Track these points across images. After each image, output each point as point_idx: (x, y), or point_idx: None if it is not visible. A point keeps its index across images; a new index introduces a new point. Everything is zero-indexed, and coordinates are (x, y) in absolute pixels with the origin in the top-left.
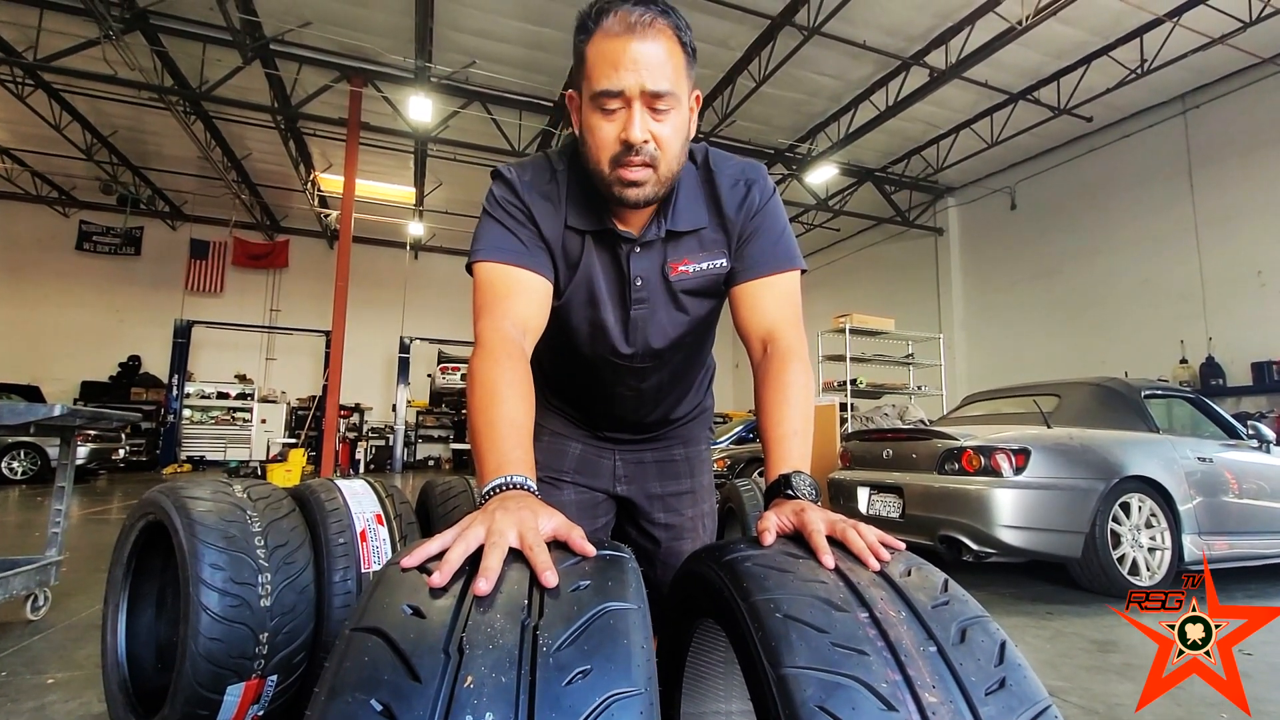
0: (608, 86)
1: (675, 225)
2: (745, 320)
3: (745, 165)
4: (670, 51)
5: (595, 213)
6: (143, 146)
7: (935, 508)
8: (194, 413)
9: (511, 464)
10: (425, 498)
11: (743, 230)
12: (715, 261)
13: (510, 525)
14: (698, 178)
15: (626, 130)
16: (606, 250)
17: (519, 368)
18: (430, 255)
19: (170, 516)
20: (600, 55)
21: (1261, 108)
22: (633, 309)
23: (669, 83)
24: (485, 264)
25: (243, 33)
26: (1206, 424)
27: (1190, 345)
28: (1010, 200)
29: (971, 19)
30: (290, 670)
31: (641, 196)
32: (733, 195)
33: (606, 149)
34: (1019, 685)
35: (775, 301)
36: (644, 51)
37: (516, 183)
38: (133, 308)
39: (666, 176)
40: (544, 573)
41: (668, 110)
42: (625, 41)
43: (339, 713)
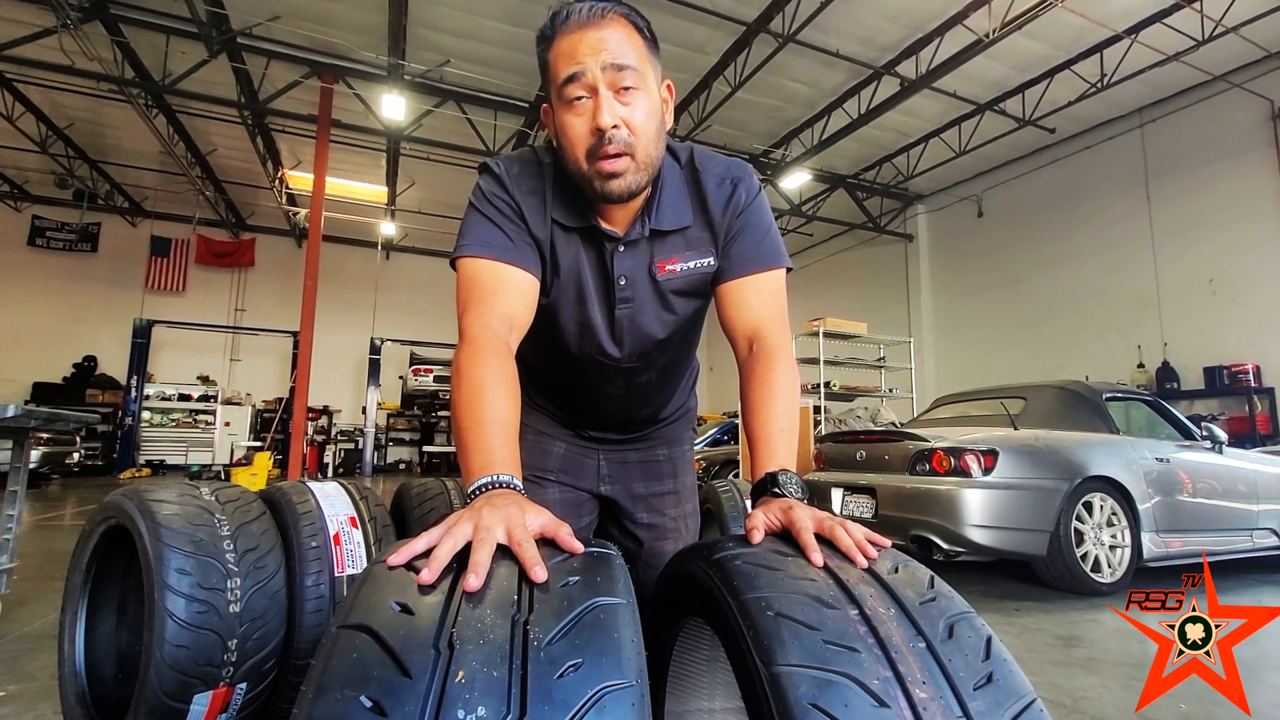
0: (570, 72)
1: (660, 224)
2: (731, 318)
3: (731, 164)
4: (628, 35)
5: (580, 210)
6: (101, 140)
7: (907, 508)
8: (153, 415)
9: (498, 463)
10: (401, 500)
11: (729, 229)
12: (702, 260)
13: (498, 522)
14: (683, 176)
15: (596, 116)
16: (593, 248)
17: (505, 365)
18: (402, 256)
19: (134, 520)
20: (560, 52)
21: (1213, 123)
22: (617, 309)
23: (630, 59)
24: (471, 259)
25: (208, 25)
26: (1163, 426)
27: (1147, 350)
28: (977, 208)
29: (941, 31)
30: (260, 677)
31: (623, 187)
32: (719, 194)
33: (580, 143)
34: (1006, 680)
35: (761, 299)
36: (600, 36)
37: (505, 177)
38: (89, 306)
39: (645, 162)
40: (533, 568)
41: (634, 89)
42: (582, 32)
43: (328, 710)
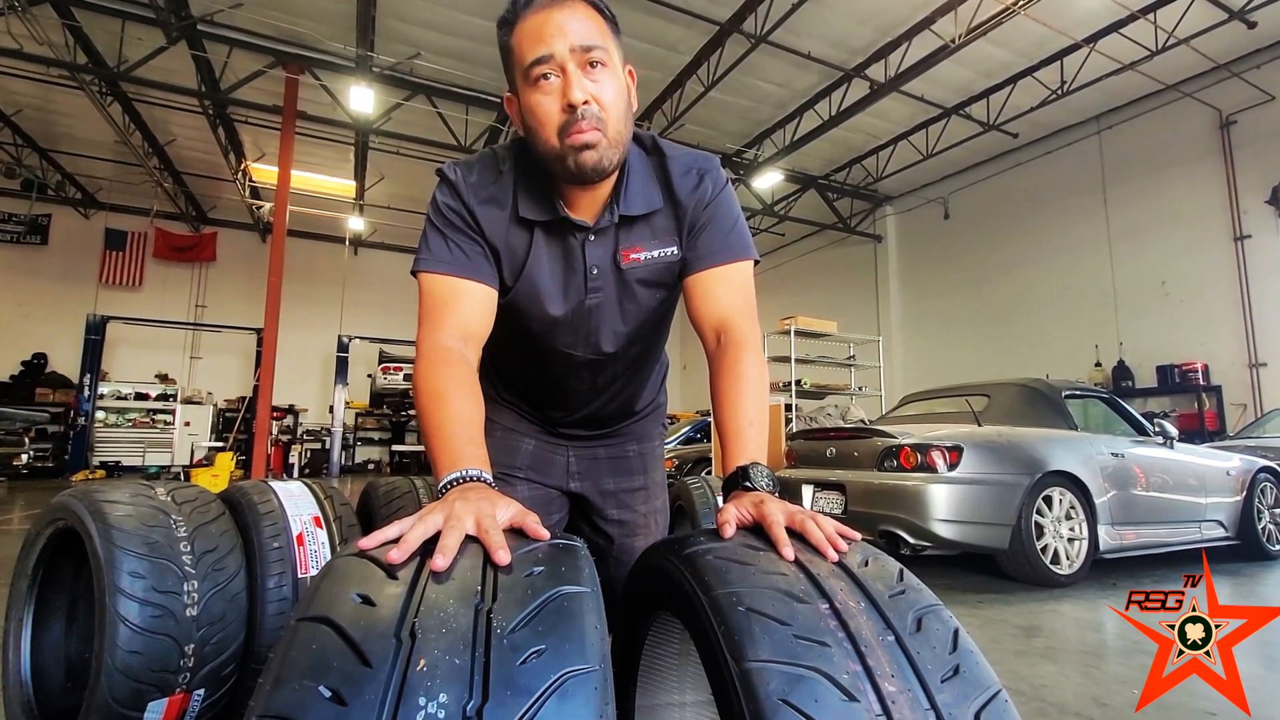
0: (538, 54)
1: (629, 209)
2: (699, 310)
3: (698, 156)
4: (591, 16)
5: (548, 202)
6: (51, 128)
7: (875, 503)
8: (108, 415)
9: (465, 459)
10: (368, 499)
11: (694, 219)
12: (666, 250)
13: (468, 512)
14: (649, 162)
15: (567, 93)
16: (557, 241)
17: (460, 372)
18: (371, 251)
19: (83, 522)
20: (524, 34)
21: (1166, 130)
22: (588, 298)
23: (597, 39)
24: (426, 274)
25: (167, 10)
26: (1119, 422)
27: (1104, 350)
28: (944, 210)
29: (909, 35)
30: (219, 683)
31: (596, 159)
32: (685, 182)
33: (551, 121)
34: (972, 672)
35: (729, 291)
36: (565, 17)
37: (460, 184)
38: (38, 301)
39: (616, 139)
40: (497, 551)
41: (601, 67)
42: (546, 14)
43: (286, 700)
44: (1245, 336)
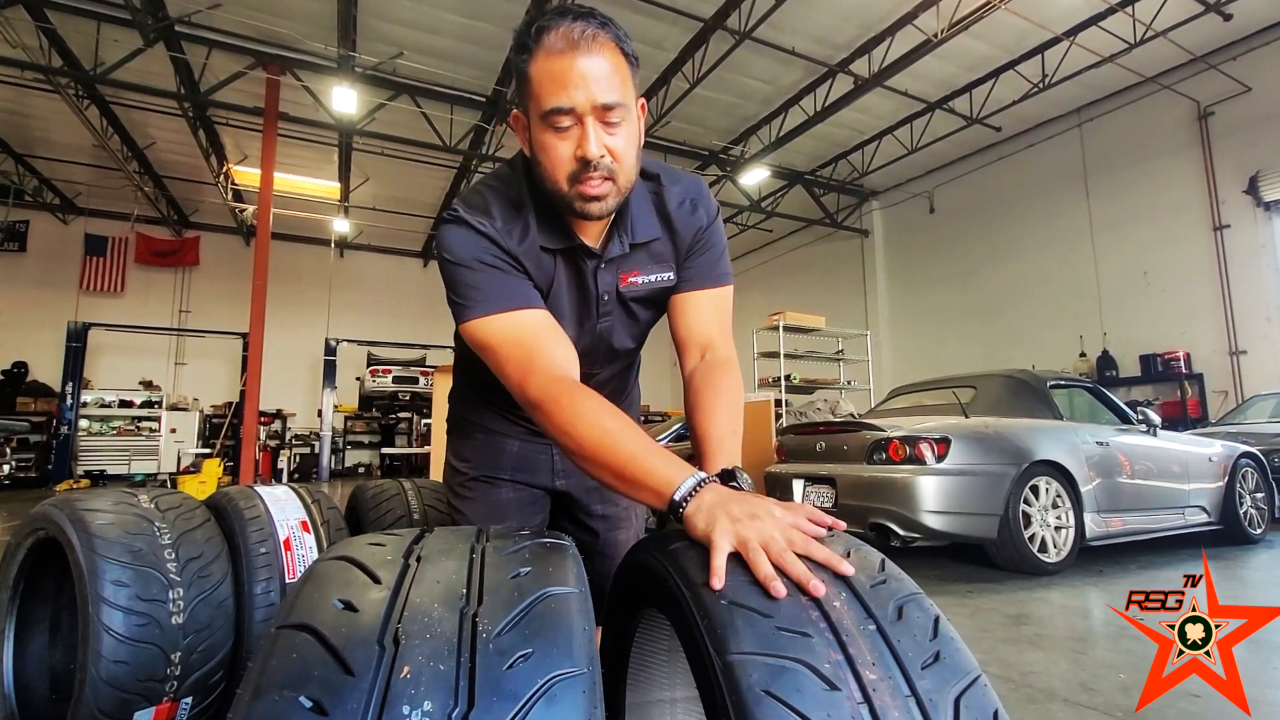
0: (558, 105)
1: (637, 238)
2: (687, 327)
3: (689, 183)
4: (615, 64)
5: (562, 231)
6: (27, 132)
7: (865, 496)
8: (92, 423)
9: (683, 466)
10: (356, 502)
11: (691, 246)
12: (663, 275)
13: (772, 528)
14: (645, 189)
15: (583, 147)
16: (572, 267)
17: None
18: (357, 253)
19: (65, 531)
20: (546, 74)
21: (1146, 122)
22: (599, 322)
23: (618, 94)
24: (495, 316)
25: (143, 12)
26: (1103, 411)
27: (1088, 340)
28: (929, 204)
29: (892, 30)
30: (207, 690)
31: (604, 210)
32: (680, 212)
33: (563, 167)
34: (952, 658)
35: (717, 312)
36: (590, 66)
37: (492, 233)
38: (17, 309)
39: (625, 187)
40: (840, 565)
41: (619, 123)
42: (570, 59)
43: (266, 711)
44: (1225, 325)
